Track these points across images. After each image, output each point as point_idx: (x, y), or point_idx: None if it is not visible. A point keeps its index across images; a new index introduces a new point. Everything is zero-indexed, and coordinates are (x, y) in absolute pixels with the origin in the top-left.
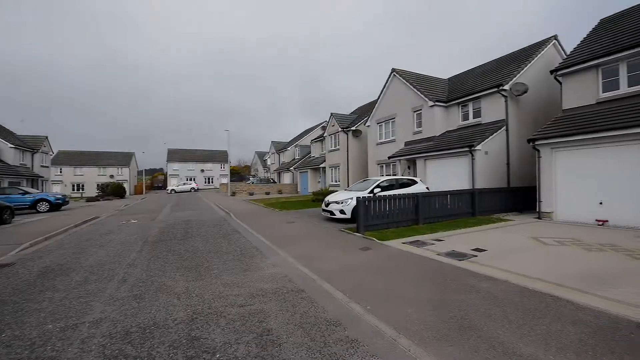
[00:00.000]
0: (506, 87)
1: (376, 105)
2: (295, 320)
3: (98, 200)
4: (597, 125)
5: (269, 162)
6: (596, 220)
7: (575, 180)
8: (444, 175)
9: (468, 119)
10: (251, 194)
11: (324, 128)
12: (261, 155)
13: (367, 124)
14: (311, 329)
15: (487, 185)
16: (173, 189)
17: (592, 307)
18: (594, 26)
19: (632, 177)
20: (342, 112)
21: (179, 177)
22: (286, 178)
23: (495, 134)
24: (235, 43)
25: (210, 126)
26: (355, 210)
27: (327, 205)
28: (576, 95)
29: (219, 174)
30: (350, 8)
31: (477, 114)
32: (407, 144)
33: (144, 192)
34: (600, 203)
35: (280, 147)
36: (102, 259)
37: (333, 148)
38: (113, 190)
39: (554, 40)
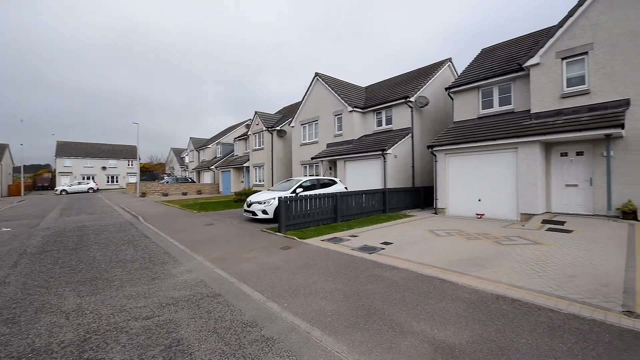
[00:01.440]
0: (412, 99)
1: (300, 106)
2: (209, 326)
3: None
4: (476, 136)
5: (187, 160)
6: (476, 214)
7: (462, 181)
8: (361, 176)
9: (382, 125)
10: (165, 195)
11: (248, 126)
12: (178, 152)
13: (291, 125)
14: (226, 333)
15: (397, 185)
16: (64, 189)
17: (468, 285)
18: (477, 54)
19: (500, 179)
20: (267, 111)
21: (73, 175)
22: (206, 177)
23: (403, 139)
24: (152, 31)
25: (117, 119)
26: (277, 210)
27: (250, 205)
28: (463, 110)
29: (126, 172)
30: (281, 13)
31: (389, 121)
32: (329, 145)
33: (22, 193)
34: (479, 200)
35: (200, 144)
36: None
37: (257, 147)
38: None
39: (449, 62)
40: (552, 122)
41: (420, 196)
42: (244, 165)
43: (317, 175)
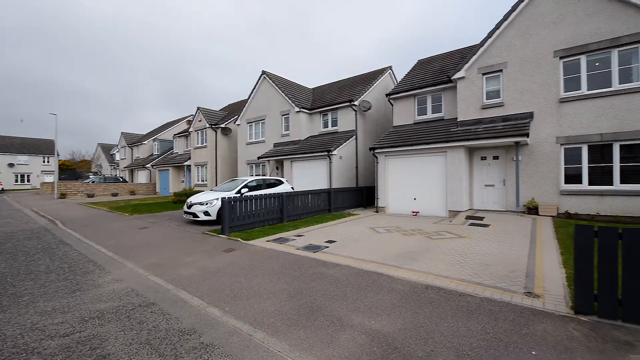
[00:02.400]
0: (356, 102)
1: (246, 104)
2: (141, 338)
3: None
4: (412, 140)
5: (117, 157)
6: (412, 211)
7: (400, 181)
8: (307, 176)
9: (327, 127)
10: (91, 196)
11: (189, 122)
12: (107, 149)
13: (237, 123)
14: (160, 344)
15: (341, 185)
16: None
17: (402, 278)
18: (414, 64)
19: (432, 180)
20: (211, 107)
21: None
22: (141, 176)
23: (347, 141)
24: (72, 14)
25: (31, 109)
26: (221, 211)
27: (190, 207)
28: (402, 115)
29: (41, 170)
30: (226, 8)
31: (334, 123)
32: (275, 145)
33: None
34: (415, 199)
35: (133, 140)
36: None
37: (200, 145)
38: None
39: (390, 70)
40: (474, 129)
41: (363, 195)
42: (185, 163)
43: (264, 175)
